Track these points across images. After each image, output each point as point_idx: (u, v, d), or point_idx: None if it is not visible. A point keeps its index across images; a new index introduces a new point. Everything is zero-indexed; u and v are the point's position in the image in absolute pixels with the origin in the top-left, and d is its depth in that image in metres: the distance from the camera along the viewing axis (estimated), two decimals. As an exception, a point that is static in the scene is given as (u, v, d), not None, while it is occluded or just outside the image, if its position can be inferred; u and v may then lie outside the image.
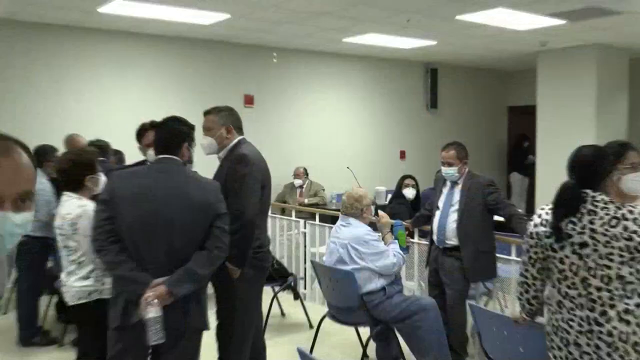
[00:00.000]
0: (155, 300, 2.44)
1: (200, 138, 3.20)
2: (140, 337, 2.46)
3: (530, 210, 9.65)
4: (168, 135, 2.68)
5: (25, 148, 1.22)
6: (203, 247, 2.55)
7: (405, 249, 4.00)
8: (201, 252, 2.54)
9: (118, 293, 2.56)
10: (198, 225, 2.54)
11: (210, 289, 2.90)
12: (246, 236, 3.02)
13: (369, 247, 3.75)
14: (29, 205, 1.19)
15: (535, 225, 2.32)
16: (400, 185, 5.82)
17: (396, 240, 3.95)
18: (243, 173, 3.06)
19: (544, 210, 2.32)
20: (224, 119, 3.22)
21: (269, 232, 6.08)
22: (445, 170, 4.08)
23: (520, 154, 10.55)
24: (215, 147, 3.22)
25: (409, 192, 5.75)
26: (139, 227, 2.49)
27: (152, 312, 2.43)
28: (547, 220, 2.28)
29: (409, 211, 5.51)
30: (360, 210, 3.88)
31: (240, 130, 3.28)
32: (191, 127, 2.76)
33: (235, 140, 3.23)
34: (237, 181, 3.05)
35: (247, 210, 3.02)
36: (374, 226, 3.97)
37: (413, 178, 5.83)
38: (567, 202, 2.22)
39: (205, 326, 2.63)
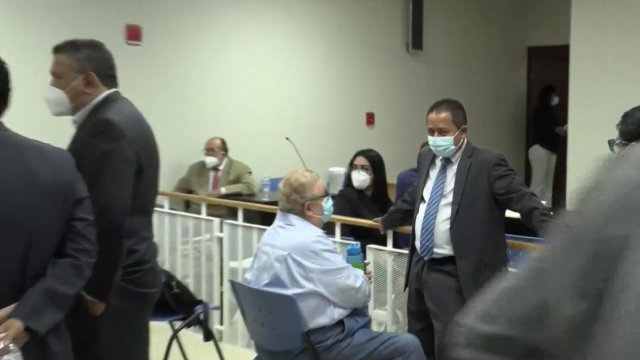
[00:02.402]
0: (11, 345, 2.39)
1: (45, 89, 3.16)
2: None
3: (559, 201, 9.88)
4: None
5: None
6: (61, 253, 2.54)
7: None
8: (60, 260, 2.54)
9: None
10: (54, 219, 2.52)
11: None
12: (111, 249, 2.95)
13: (319, 261, 3.79)
14: None
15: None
16: (350, 165, 5.83)
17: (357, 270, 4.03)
18: (106, 150, 2.98)
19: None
20: (83, 62, 3.16)
21: (160, 239, 6.08)
22: (435, 142, 4.13)
23: (545, 118, 10.79)
24: (67, 104, 3.16)
25: (358, 178, 5.69)
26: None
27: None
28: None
29: (362, 209, 5.56)
30: (301, 205, 3.90)
31: (110, 81, 3.23)
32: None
33: (101, 97, 3.17)
34: (96, 163, 2.96)
35: (112, 209, 2.96)
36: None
37: (371, 156, 5.82)
38: None
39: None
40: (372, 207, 5.59)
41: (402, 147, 8.85)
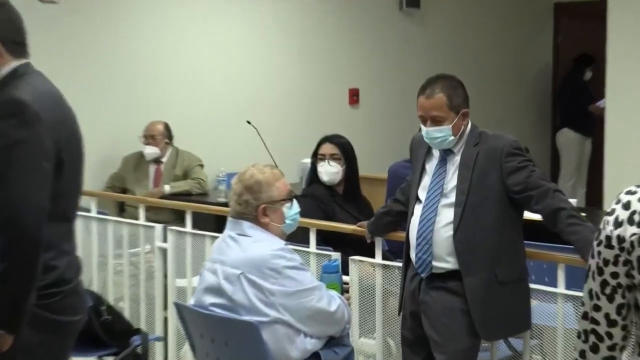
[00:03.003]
0: None
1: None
2: None
3: (594, 198, 9.93)
4: None
5: None
6: None
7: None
8: None
9: None
10: None
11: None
12: (23, 266, 2.95)
13: (281, 281, 3.81)
14: None
15: (617, 224, 2.36)
16: (315, 157, 5.84)
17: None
18: (15, 139, 2.99)
19: (635, 196, 2.36)
20: None
21: (86, 251, 6.04)
22: (428, 133, 4.14)
23: (576, 94, 10.84)
24: None
25: (328, 171, 5.72)
26: None
27: None
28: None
29: (336, 210, 5.59)
30: (255, 209, 3.91)
31: (19, 50, 3.22)
32: None
33: (7, 70, 3.17)
34: (3, 155, 2.98)
35: (25, 215, 2.96)
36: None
37: (341, 142, 5.83)
38: None
39: None
40: (347, 207, 5.60)
41: (394, 132, 8.90)
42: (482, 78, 10.47)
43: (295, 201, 4.15)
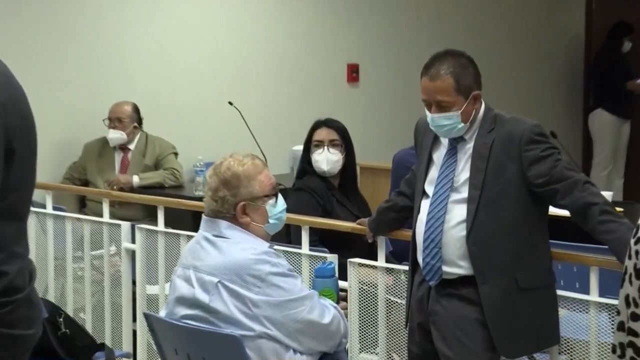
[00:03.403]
0: None
1: None
2: None
3: (633, 191, 9.95)
4: None
5: None
6: None
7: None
8: None
9: None
10: None
11: None
12: None
13: (266, 290, 3.80)
14: None
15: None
16: (308, 144, 5.90)
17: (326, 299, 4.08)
18: None
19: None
20: None
21: (40, 254, 6.06)
22: (434, 120, 4.16)
23: (612, 70, 10.84)
24: None
25: (330, 159, 5.78)
26: None
27: None
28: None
29: (334, 206, 5.62)
30: (233, 207, 3.92)
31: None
32: None
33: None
34: None
35: None
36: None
37: (339, 127, 5.90)
38: None
39: None
40: (345, 203, 5.64)
41: (400, 114, 8.92)
42: (502, 51, 10.48)
43: (280, 197, 4.13)
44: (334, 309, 3.95)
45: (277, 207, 4.06)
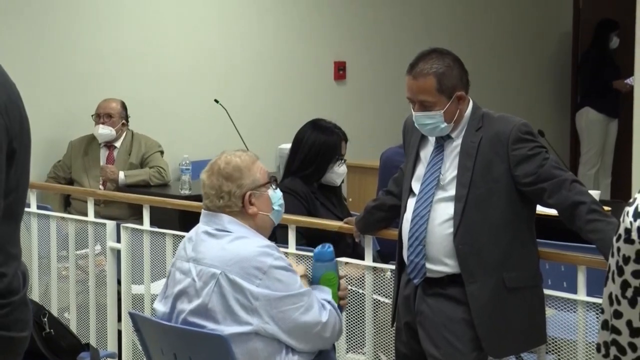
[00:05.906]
0: None
1: None
2: None
3: (621, 190, 9.96)
4: None
5: None
6: None
7: (339, 308, 4.10)
8: None
9: None
10: None
11: None
12: None
13: (268, 282, 3.80)
14: None
15: (637, 215, 2.37)
16: (333, 155, 5.83)
17: (323, 290, 4.04)
18: None
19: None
20: None
21: (25, 253, 6.00)
22: (417, 119, 4.16)
23: (600, 68, 10.84)
24: None
25: (343, 172, 5.83)
26: None
27: None
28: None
29: (317, 207, 5.62)
30: (241, 199, 3.92)
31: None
32: None
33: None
34: None
35: None
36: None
37: (329, 127, 5.89)
38: None
39: None
40: (328, 205, 5.64)
41: (387, 112, 8.92)
42: (490, 48, 10.49)
43: (276, 182, 4.16)
44: (329, 306, 3.93)
45: (277, 193, 4.09)
